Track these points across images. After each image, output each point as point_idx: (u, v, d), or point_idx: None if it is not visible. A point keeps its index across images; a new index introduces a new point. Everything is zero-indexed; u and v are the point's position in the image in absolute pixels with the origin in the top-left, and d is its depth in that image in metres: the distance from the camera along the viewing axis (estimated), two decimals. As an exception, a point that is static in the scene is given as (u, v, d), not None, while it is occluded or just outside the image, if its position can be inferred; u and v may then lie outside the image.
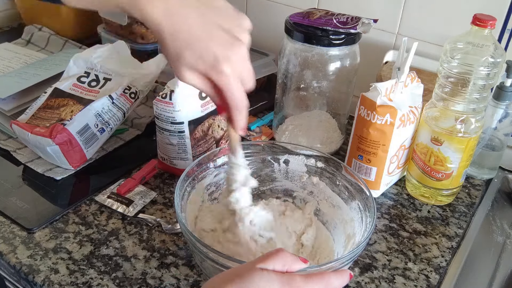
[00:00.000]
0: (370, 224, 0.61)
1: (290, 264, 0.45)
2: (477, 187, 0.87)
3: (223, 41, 0.50)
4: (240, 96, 0.53)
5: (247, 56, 0.52)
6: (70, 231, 0.71)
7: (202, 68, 0.51)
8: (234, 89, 0.52)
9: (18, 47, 1.16)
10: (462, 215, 0.80)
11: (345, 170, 0.70)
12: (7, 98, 0.92)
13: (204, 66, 0.51)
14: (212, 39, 0.50)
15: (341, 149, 0.94)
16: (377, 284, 0.66)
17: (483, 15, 0.69)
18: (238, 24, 0.52)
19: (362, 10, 0.98)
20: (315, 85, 0.88)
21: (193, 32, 0.50)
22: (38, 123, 0.82)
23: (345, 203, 0.69)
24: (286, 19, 0.86)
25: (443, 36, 0.89)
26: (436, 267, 0.70)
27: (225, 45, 0.50)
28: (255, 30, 0.53)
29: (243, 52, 0.51)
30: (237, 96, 0.53)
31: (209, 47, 0.50)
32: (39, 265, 0.65)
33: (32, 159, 0.84)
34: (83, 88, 0.88)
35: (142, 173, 0.81)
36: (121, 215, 0.75)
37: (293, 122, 0.93)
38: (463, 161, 0.77)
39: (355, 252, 0.56)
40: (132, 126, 0.95)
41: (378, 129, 0.75)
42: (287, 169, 0.75)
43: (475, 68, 0.70)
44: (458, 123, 0.74)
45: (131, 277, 0.65)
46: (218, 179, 0.73)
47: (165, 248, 0.70)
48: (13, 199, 0.76)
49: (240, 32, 0.52)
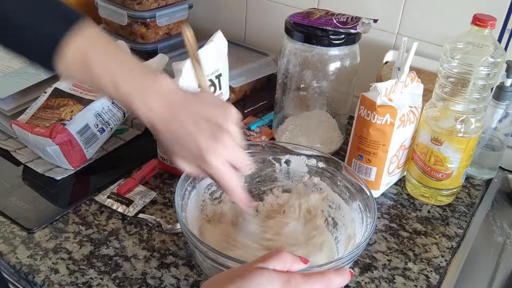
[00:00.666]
0: (371, 224, 0.61)
1: (290, 264, 0.45)
2: (477, 187, 0.87)
3: (208, 133, 0.55)
4: (229, 181, 0.57)
5: (234, 143, 0.56)
6: (70, 231, 0.71)
7: (191, 160, 0.56)
8: (223, 176, 0.57)
9: (18, 47, 1.15)
10: (462, 215, 0.80)
11: (345, 170, 0.70)
12: (7, 98, 0.92)
13: (192, 158, 0.56)
14: (198, 133, 0.55)
15: (341, 149, 0.94)
16: (377, 284, 0.66)
17: (483, 15, 0.69)
18: (224, 115, 0.56)
19: (362, 10, 0.98)
20: (315, 85, 0.88)
21: (181, 129, 0.55)
22: (38, 123, 0.82)
23: (346, 203, 0.69)
24: (286, 19, 0.86)
25: (443, 36, 0.89)
26: (436, 267, 0.70)
27: (209, 136, 0.55)
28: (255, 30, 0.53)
29: (229, 141, 0.55)
30: (226, 181, 0.57)
31: (195, 141, 0.55)
32: (39, 265, 0.65)
33: (32, 159, 0.84)
34: (83, 88, 0.88)
35: (142, 173, 0.81)
36: (121, 215, 0.75)
37: (293, 122, 0.93)
38: (463, 161, 0.77)
39: (355, 252, 0.56)
40: (132, 126, 0.95)
41: (378, 129, 0.75)
42: (288, 169, 0.75)
43: (475, 68, 0.70)
44: (458, 123, 0.74)
45: (131, 277, 0.65)
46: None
47: (165, 248, 0.70)
48: (13, 199, 0.76)
49: (225, 122, 0.55)
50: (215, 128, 0.55)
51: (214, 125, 0.55)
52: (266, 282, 0.42)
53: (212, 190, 0.73)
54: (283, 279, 0.43)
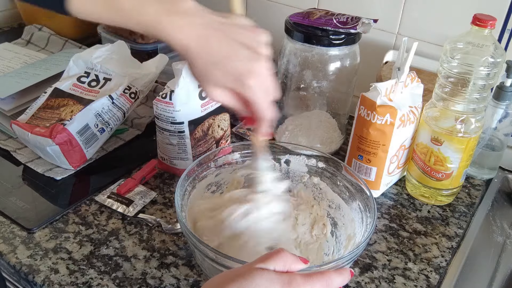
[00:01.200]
0: (370, 224, 0.61)
1: (290, 264, 0.45)
2: (477, 187, 0.87)
3: (245, 57, 0.53)
4: (267, 107, 0.56)
5: (269, 68, 0.55)
6: (70, 231, 0.71)
7: (229, 85, 0.54)
8: (260, 100, 0.55)
9: (18, 47, 1.16)
10: (462, 215, 0.80)
11: (345, 170, 0.70)
12: (7, 98, 0.92)
13: (231, 82, 0.54)
14: (235, 57, 0.53)
15: (341, 149, 0.94)
16: (377, 284, 0.66)
17: (483, 15, 0.69)
18: (258, 40, 0.55)
19: (362, 10, 0.98)
20: (315, 85, 0.88)
21: (218, 52, 0.53)
22: (38, 123, 0.82)
23: (346, 203, 0.69)
24: (286, 19, 0.86)
25: (443, 36, 0.89)
26: (436, 267, 0.70)
27: (248, 60, 0.53)
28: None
29: (265, 65, 0.54)
30: (263, 106, 0.56)
31: (233, 64, 0.53)
32: (39, 265, 0.65)
33: (32, 159, 0.84)
34: (83, 88, 0.88)
35: (142, 173, 0.81)
36: (121, 215, 0.75)
37: (293, 122, 0.93)
38: (463, 161, 0.77)
39: (355, 252, 0.56)
40: (132, 126, 0.95)
41: (378, 129, 0.75)
42: (288, 169, 0.75)
43: (475, 68, 0.70)
44: (458, 123, 0.74)
45: (131, 277, 0.65)
46: (219, 179, 0.73)
47: (165, 248, 0.70)
48: (13, 199, 0.76)
49: (260, 46, 0.54)
50: (252, 52, 0.54)
51: (249, 48, 0.54)
52: (267, 283, 0.42)
53: (212, 189, 0.73)
54: (284, 279, 0.43)
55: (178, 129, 0.78)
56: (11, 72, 1.01)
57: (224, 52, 0.53)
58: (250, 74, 0.53)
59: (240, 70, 0.53)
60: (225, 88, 0.55)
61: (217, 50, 0.53)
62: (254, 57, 0.54)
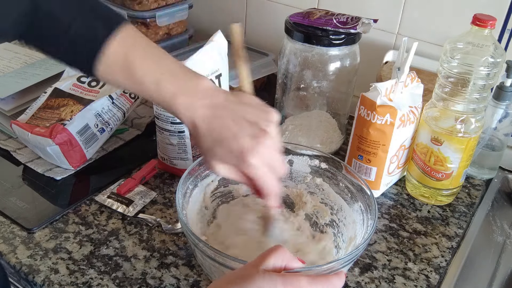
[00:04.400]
0: (371, 226, 0.61)
1: (288, 260, 0.45)
2: (477, 187, 0.87)
3: (250, 134, 0.54)
4: (271, 184, 0.57)
5: (275, 146, 0.56)
6: (70, 231, 0.71)
7: (232, 162, 0.55)
8: (263, 178, 0.56)
9: (18, 47, 1.15)
10: (462, 215, 0.80)
11: (346, 170, 0.70)
12: (7, 98, 0.92)
13: (233, 160, 0.55)
14: (240, 135, 0.54)
15: (341, 149, 0.94)
16: (377, 284, 0.66)
17: (483, 15, 0.69)
18: (265, 117, 0.55)
19: (362, 10, 0.98)
20: (315, 85, 0.88)
21: (225, 130, 0.54)
22: (38, 123, 0.82)
23: (348, 205, 0.69)
24: (286, 19, 0.86)
25: (443, 36, 0.89)
26: (436, 267, 0.70)
27: (252, 138, 0.54)
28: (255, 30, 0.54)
29: (270, 143, 0.55)
30: (267, 183, 0.57)
31: (237, 142, 0.54)
32: (39, 265, 0.65)
33: (32, 159, 0.84)
34: (83, 88, 0.88)
35: (142, 173, 0.81)
36: (121, 215, 0.75)
37: (293, 122, 0.93)
38: (463, 161, 0.77)
39: (355, 253, 0.56)
40: (132, 126, 0.95)
41: (378, 129, 0.75)
42: (291, 169, 0.75)
43: (475, 68, 0.70)
44: (458, 123, 0.74)
45: (131, 277, 0.65)
46: (221, 178, 0.73)
47: (165, 248, 0.70)
48: (13, 199, 0.76)
49: (267, 124, 0.55)
50: (257, 130, 0.54)
51: (255, 126, 0.54)
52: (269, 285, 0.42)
53: (213, 188, 0.72)
54: (286, 282, 0.43)
55: (178, 129, 0.78)
56: (11, 72, 1.01)
57: (229, 129, 0.54)
58: (253, 152, 0.54)
59: (243, 149, 0.54)
60: (229, 164, 0.56)
61: (224, 129, 0.54)
62: (259, 135, 0.54)
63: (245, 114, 0.55)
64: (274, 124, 0.56)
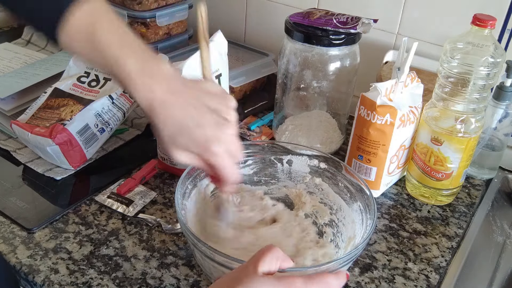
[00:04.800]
0: (370, 226, 0.61)
1: (281, 260, 0.46)
2: (477, 187, 0.87)
3: (212, 123, 0.54)
4: (231, 171, 0.58)
5: (235, 134, 0.57)
6: (70, 231, 0.71)
7: (195, 150, 0.55)
8: (225, 165, 0.57)
9: (18, 47, 1.16)
10: (462, 215, 0.80)
11: (346, 170, 0.70)
12: (7, 98, 0.92)
13: (196, 148, 0.55)
14: (202, 123, 0.54)
15: (341, 149, 0.94)
16: (377, 284, 0.66)
17: (483, 15, 0.69)
18: (225, 104, 0.56)
19: (362, 10, 0.98)
20: (315, 85, 0.88)
21: (184, 117, 0.54)
22: (38, 123, 0.82)
23: (347, 205, 0.69)
24: (286, 19, 0.86)
25: (443, 36, 0.89)
26: (436, 267, 0.70)
27: (214, 126, 0.54)
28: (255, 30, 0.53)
29: (231, 131, 0.56)
30: (228, 171, 0.58)
31: (200, 130, 0.54)
32: (39, 265, 0.65)
33: (32, 159, 0.84)
34: (83, 88, 0.88)
35: (142, 173, 0.81)
36: (121, 215, 0.75)
37: (293, 122, 0.93)
38: (463, 161, 0.77)
39: (354, 253, 0.56)
40: (132, 126, 0.95)
41: (378, 129, 0.75)
42: (290, 169, 0.75)
43: (475, 68, 0.70)
44: (458, 123, 0.74)
45: (131, 277, 0.65)
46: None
47: (165, 248, 0.70)
48: (13, 199, 0.76)
49: (227, 112, 0.56)
50: (217, 117, 0.55)
51: (216, 114, 0.55)
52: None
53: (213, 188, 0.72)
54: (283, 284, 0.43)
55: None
56: (11, 72, 1.01)
57: (190, 118, 0.54)
58: (216, 140, 0.55)
59: (206, 137, 0.54)
60: (191, 152, 0.56)
61: (183, 116, 0.54)
62: (220, 122, 0.55)
63: (205, 101, 0.55)
64: (234, 111, 0.57)
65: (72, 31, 0.53)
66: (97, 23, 0.53)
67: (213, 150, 0.55)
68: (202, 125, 0.54)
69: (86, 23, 0.53)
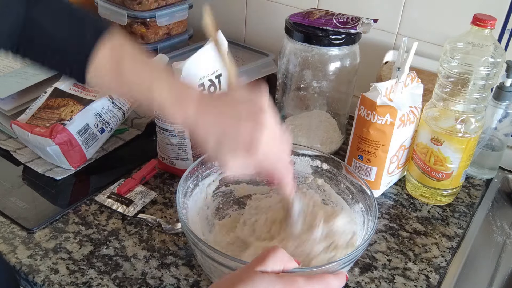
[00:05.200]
0: (371, 227, 0.61)
1: (285, 262, 0.46)
2: (477, 187, 0.87)
3: (248, 118, 0.53)
4: (284, 169, 0.57)
5: (274, 121, 0.55)
6: (70, 231, 0.71)
7: (242, 152, 0.53)
8: (275, 167, 0.56)
9: (18, 47, 1.15)
10: (462, 215, 0.80)
11: (346, 170, 0.70)
12: (7, 98, 0.92)
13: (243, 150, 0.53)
14: (240, 119, 0.53)
15: (341, 149, 0.94)
16: (377, 284, 0.66)
17: (483, 15, 0.69)
18: (258, 100, 0.55)
19: (362, 10, 0.98)
20: (315, 85, 0.88)
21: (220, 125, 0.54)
22: (38, 123, 0.82)
23: (349, 206, 0.69)
24: (286, 19, 0.86)
25: (443, 36, 0.89)
26: (436, 267, 0.70)
27: (252, 121, 0.53)
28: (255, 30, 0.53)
29: (270, 119, 0.54)
30: (280, 173, 0.57)
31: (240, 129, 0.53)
32: (39, 265, 0.65)
33: (32, 159, 0.84)
34: (83, 88, 0.88)
35: (142, 173, 0.81)
36: (121, 215, 0.75)
37: (293, 122, 0.93)
38: (463, 161, 0.77)
39: (355, 254, 0.56)
40: (132, 126, 0.95)
41: (378, 129, 0.75)
42: (293, 170, 0.75)
43: (475, 68, 0.70)
44: (458, 123, 0.74)
45: (131, 277, 0.65)
46: (222, 178, 0.73)
47: (165, 248, 0.70)
48: (13, 199, 0.76)
49: (260, 114, 0.54)
50: (252, 112, 0.54)
51: (249, 110, 0.54)
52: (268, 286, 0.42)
53: (215, 188, 0.72)
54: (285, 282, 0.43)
55: (178, 129, 0.78)
56: (11, 72, 1.01)
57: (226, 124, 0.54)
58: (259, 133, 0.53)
59: (249, 134, 0.53)
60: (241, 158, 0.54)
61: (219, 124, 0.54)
62: (256, 113, 0.53)
63: (237, 106, 0.55)
64: (267, 107, 0.55)
65: (99, 69, 0.55)
66: (123, 58, 0.55)
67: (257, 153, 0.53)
68: (239, 121, 0.53)
69: (112, 60, 0.55)
